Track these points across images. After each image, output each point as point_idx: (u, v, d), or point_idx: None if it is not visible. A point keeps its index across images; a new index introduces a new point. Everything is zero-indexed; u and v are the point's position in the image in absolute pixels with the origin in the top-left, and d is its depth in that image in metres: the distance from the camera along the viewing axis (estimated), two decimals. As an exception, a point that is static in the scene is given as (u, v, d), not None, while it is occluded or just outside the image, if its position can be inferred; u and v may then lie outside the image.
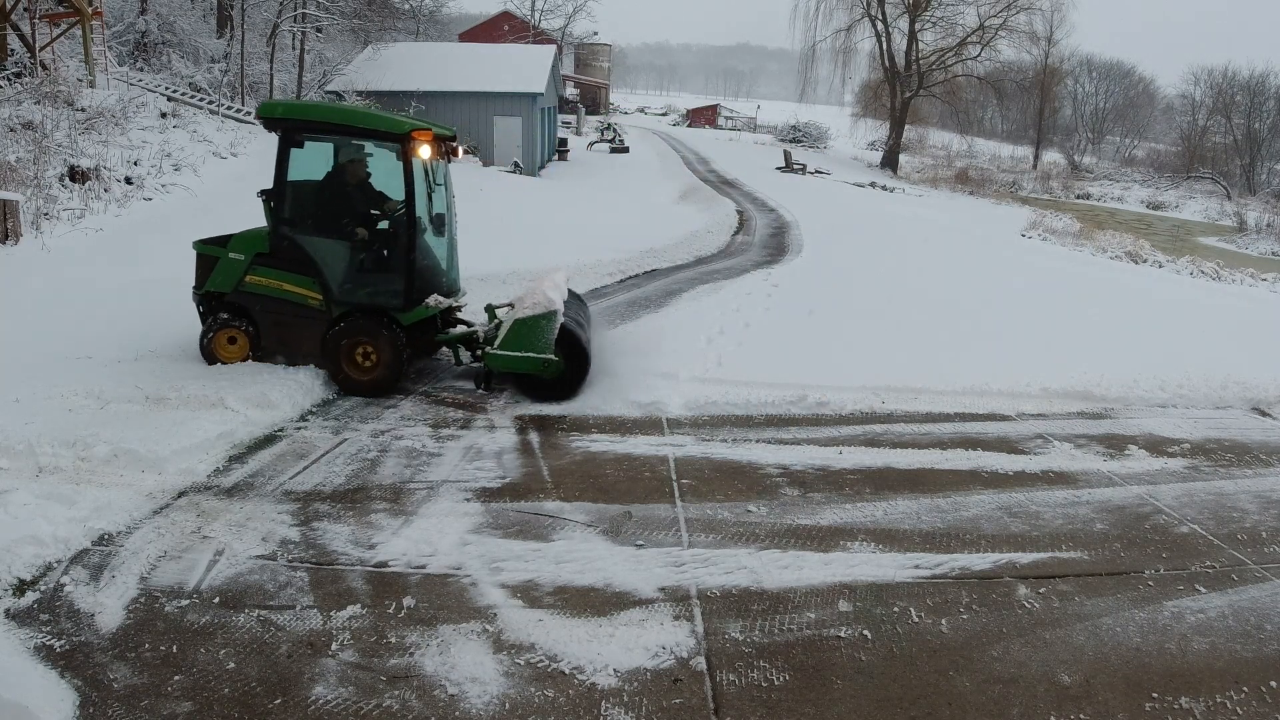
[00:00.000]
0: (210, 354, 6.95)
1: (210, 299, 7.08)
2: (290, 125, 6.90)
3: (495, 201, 18.27)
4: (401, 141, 6.71)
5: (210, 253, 7.07)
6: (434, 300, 7.10)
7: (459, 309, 7.73)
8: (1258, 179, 55.63)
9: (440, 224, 7.36)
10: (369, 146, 7.08)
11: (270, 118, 6.99)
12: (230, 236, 7.08)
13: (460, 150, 7.26)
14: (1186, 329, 10.25)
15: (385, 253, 7.05)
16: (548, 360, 6.72)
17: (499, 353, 6.75)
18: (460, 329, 7.61)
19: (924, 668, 3.67)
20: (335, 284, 6.87)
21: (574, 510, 4.98)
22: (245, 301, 6.96)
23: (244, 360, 6.95)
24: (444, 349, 7.70)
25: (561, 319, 6.73)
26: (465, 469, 5.51)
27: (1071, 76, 67.49)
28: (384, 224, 7.14)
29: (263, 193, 6.99)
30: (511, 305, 7.33)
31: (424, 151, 6.72)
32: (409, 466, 5.50)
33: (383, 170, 7.12)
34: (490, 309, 7.65)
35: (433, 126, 6.94)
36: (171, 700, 3.25)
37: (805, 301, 10.40)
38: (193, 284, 7.17)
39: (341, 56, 29.69)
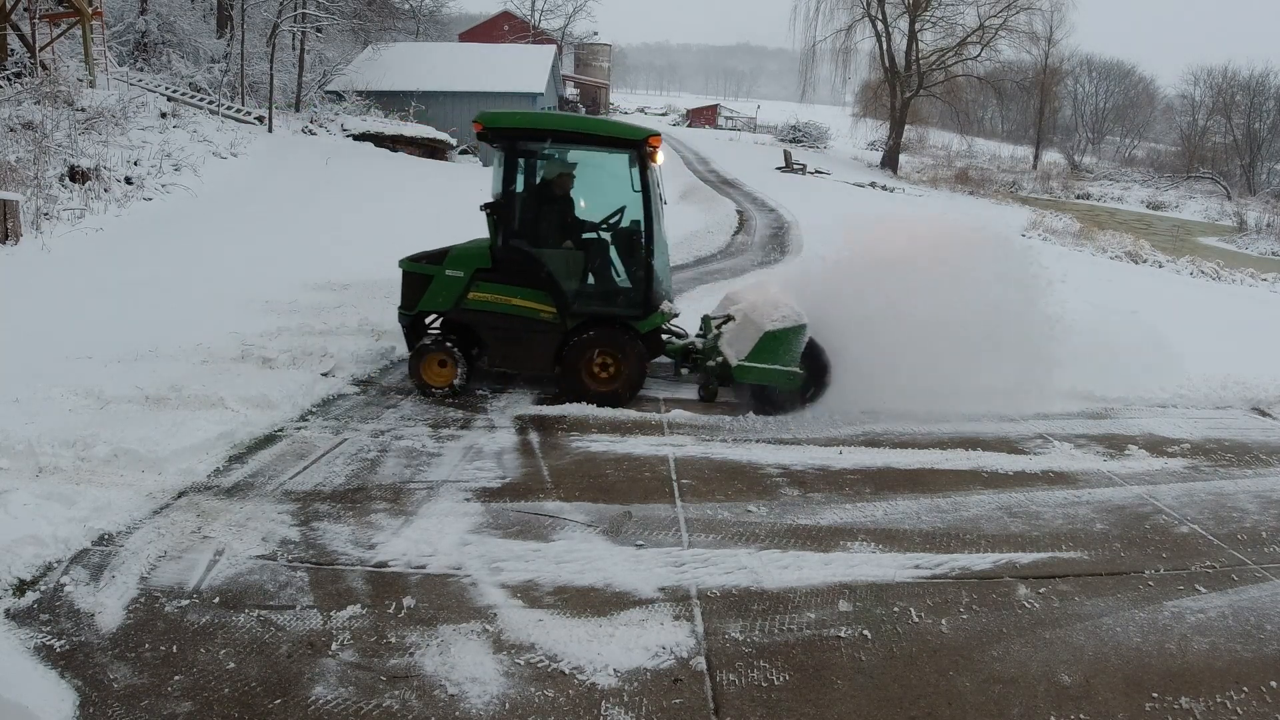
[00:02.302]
0: (420, 379, 6.81)
1: (420, 319, 6.95)
2: (516, 135, 6.75)
3: (495, 201, 18.25)
4: (638, 148, 6.64)
5: (422, 271, 6.89)
6: (666, 306, 7.03)
7: (675, 316, 7.64)
8: (1258, 179, 55.66)
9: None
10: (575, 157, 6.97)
11: (495, 128, 6.79)
12: (441, 253, 6.91)
13: (661, 156, 7.03)
14: (1186, 329, 10.24)
15: (620, 261, 6.97)
16: (794, 373, 6.68)
17: (748, 364, 6.66)
18: (677, 340, 7.47)
19: (924, 668, 3.67)
20: (570, 295, 6.75)
21: (574, 510, 4.97)
22: (468, 319, 6.83)
23: (453, 384, 6.80)
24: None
25: (809, 332, 6.69)
26: (465, 469, 5.50)
27: (1071, 76, 67.49)
28: (599, 233, 7.03)
29: (487, 206, 6.84)
30: (729, 318, 7.27)
31: (660, 157, 6.66)
32: (409, 466, 5.50)
33: (607, 178, 7.06)
34: (706, 320, 7.51)
35: (657, 132, 6.85)
36: (171, 700, 3.25)
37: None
38: (399, 305, 7.01)
39: (341, 56, 29.74)
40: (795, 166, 37.03)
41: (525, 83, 28.22)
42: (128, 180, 13.99)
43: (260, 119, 21.82)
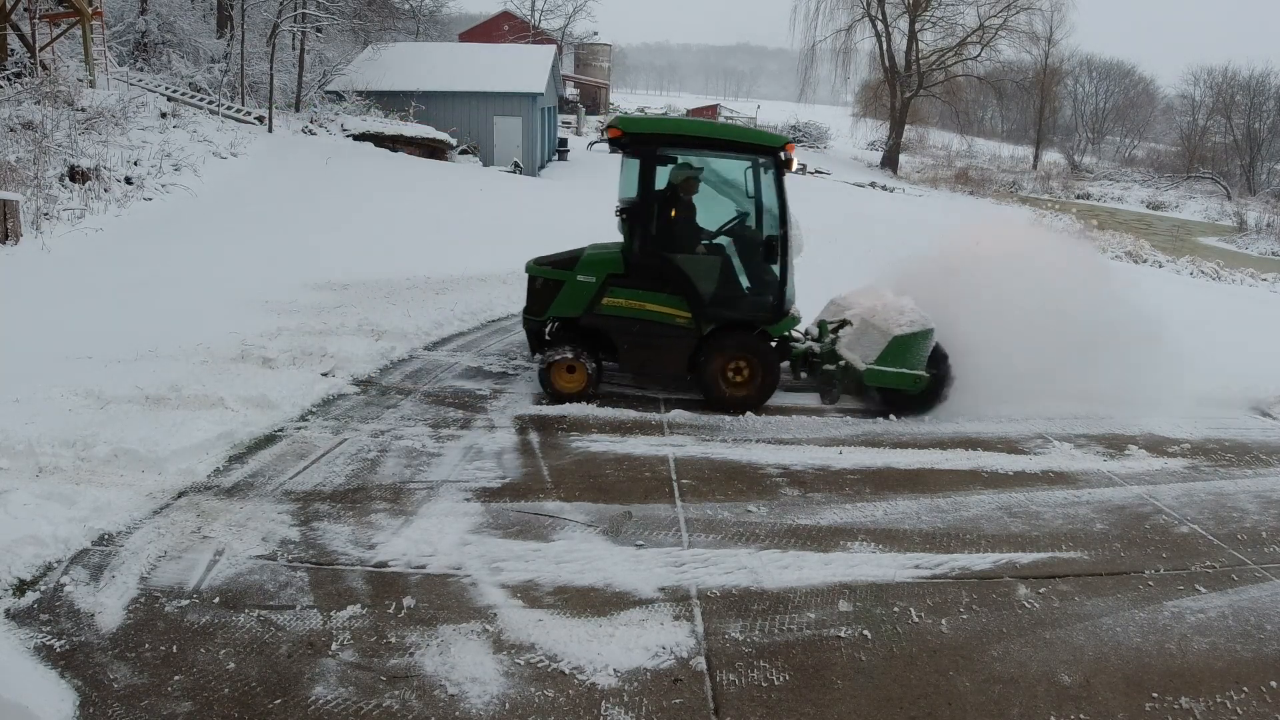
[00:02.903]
0: (550, 385, 6.81)
1: (544, 325, 6.96)
2: (655, 140, 6.76)
3: (496, 202, 18.28)
4: (774, 154, 6.69)
5: (553, 276, 6.87)
6: (795, 310, 7.03)
7: (799, 321, 7.64)
8: (1258, 179, 55.62)
9: None
10: (699, 162, 6.99)
11: (633, 133, 6.79)
12: (570, 258, 6.93)
13: (796, 161, 7.02)
14: (1186, 329, 10.24)
15: (754, 266, 6.97)
16: (920, 376, 6.72)
17: (877, 368, 6.68)
18: (797, 345, 7.43)
19: (924, 668, 3.68)
20: (707, 300, 6.76)
21: (574, 510, 4.98)
22: (601, 324, 6.82)
23: (583, 390, 6.79)
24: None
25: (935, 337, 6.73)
26: (465, 469, 5.50)
27: (1071, 76, 67.51)
28: (717, 239, 7.05)
29: (622, 211, 6.83)
30: (845, 323, 7.30)
31: (795, 164, 6.71)
32: (409, 466, 5.50)
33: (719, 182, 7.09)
34: (823, 325, 7.53)
35: (792, 139, 6.85)
36: (171, 700, 3.25)
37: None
38: (524, 309, 7.03)
39: (341, 56, 29.73)
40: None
41: (525, 83, 28.17)
42: (128, 180, 14.00)
43: (260, 119, 21.82)
